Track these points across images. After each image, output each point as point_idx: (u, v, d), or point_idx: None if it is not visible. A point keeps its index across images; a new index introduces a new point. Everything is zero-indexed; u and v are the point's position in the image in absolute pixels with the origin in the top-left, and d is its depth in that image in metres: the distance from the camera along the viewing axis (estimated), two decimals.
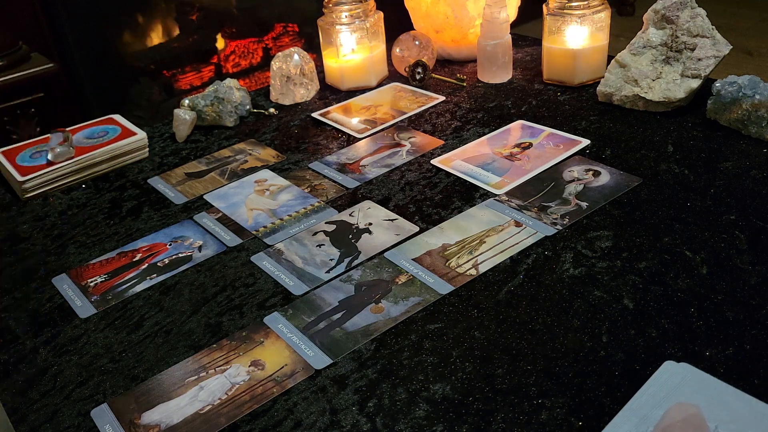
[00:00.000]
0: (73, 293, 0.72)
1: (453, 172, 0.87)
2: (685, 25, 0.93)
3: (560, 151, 0.89)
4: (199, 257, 0.76)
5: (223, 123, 1.06)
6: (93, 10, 1.90)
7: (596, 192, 0.79)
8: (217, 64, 2.24)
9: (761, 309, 0.60)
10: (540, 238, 0.72)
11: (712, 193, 0.76)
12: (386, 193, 0.85)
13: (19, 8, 1.78)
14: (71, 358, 0.64)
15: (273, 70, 1.12)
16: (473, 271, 0.69)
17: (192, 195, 0.89)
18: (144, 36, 2.08)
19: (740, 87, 0.85)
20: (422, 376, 0.57)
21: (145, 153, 1.00)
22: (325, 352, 0.61)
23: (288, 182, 0.89)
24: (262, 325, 0.65)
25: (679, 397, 0.51)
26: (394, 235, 0.76)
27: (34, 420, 0.57)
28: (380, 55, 1.15)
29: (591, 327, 0.60)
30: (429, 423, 0.53)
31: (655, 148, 0.87)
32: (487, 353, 0.59)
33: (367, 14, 1.12)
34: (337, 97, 1.13)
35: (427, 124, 1.01)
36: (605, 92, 0.99)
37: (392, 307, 0.65)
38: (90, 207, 0.89)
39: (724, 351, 0.56)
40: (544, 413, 0.53)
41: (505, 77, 1.12)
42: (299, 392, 0.57)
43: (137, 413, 0.57)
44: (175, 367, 0.61)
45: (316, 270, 0.72)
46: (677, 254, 0.68)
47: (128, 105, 2.06)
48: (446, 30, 1.18)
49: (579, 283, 0.65)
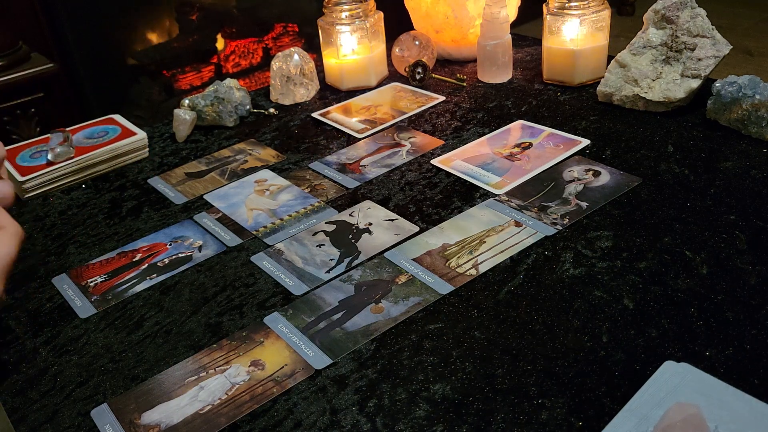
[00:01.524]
0: (73, 293, 0.72)
1: (453, 172, 0.87)
2: (685, 25, 0.93)
3: (560, 151, 0.89)
4: (199, 257, 0.76)
5: (223, 123, 1.06)
6: (93, 10, 1.91)
7: (596, 192, 0.79)
8: (217, 64, 2.24)
9: (761, 309, 0.60)
10: (540, 238, 0.72)
11: (712, 193, 0.76)
12: (386, 193, 0.85)
13: (19, 8, 1.78)
14: (71, 358, 0.64)
15: (273, 70, 1.12)
16: (473, 271, 0.69)
17: (192, 195, 0.89)
18: (144, 36, 2.08)
19: (740, 87, 0.85)
20: (422, 376, 0.57)
21: (145, 153, 1.00)
22: (325, 352, 0.61)
23: (288, 182, 0.89)
24: (262, 325, 0.65)
25: (679, 397, 0.51)
26: (394, 235, 0.76)
27: (34, 420, 0.58)
28: (380, 55, 1.15)
29: (591, 327, 0.60)
30: (429, 423, 0.53)
31: (655, 148, 0.87)
32: (487, 353, 0.59)
33: (367, 14, 1.12)
34: (337, 97, 1.14)
35: (427, 124, 1.01)
36: (605, 92, 0.99)
37: (392, 307, 0.65)
38: (90, 207, 0.89)
39: (724, 351, 0.56)
40: (544, 413, 0.53)
41: (505, 77, 1.12)
42: (299, 392, 0.57)
43: (137, 413, 0.57)
44: (175, 367, 0.61)
45: (316, 270, 0.72)
46: (677, 254, 0.68)
47: (128, 105, 2.06)
48: (446, 30, 1.18)
49: (579, 283, 0.65)
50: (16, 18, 1.77)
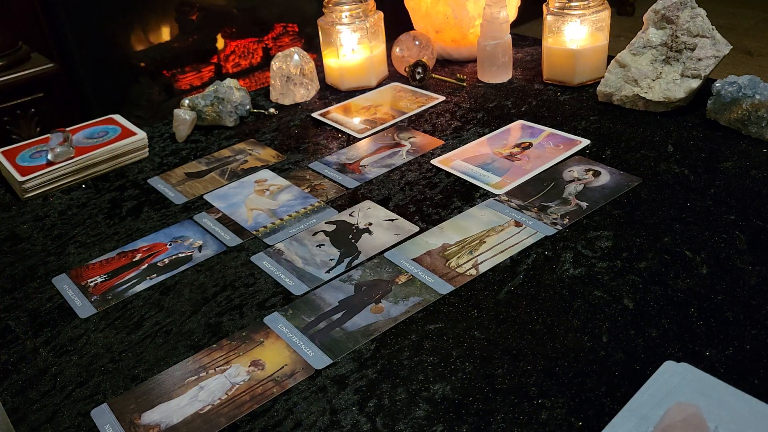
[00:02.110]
0: (73, 293, 0.72)
1: (453, 172, 0.87)
2: (685, 25, 0.93)
3: (560, 151, 0.89)
4: (199, 257, 0.76)
5: (223, 123, 1.06)
6: (93, 10, 1.90)
7: (596, 192, 0.79)
8: (217, 64, 2.24)
9: (761, 309, 0.60)
10: (540, 238, 0.72)
11: (712, 193, 0.76)
12: (386, 193, 0.85)
13: (19, 8, 1.78)
14: (71, 358, 0.64)
15: (273, 70, 1.12)
16: (473, 271, 0.69)
17: (192, 195, 0.89)
18: (144, 36, 2.08)
19: (740, 87, 0.85)
20: (422, 376, 0.57)
21: (145, 153, 1.00)
22: (325, 352, 0.61)
23: (288, 182, 0.89)
24: (262, 325, 0.65)
25: (679, 397, 0.51)
26: (394, 235, 0.76)
27: (34, 420, 0.57)
28: (380, 55, 1.15)
29: (591, 327, 0.60)
30: (429, 423, 0.53)
31: (655, 148, 0.87)
32: (487, 353, 0.59)
33: (367, 14, 1.12)
34: (337, 97, 1.13)
35: (427, 124, 1.01)
36: (605, 92, 0.99)
37: (392, 307, 0.65)
38: (90, 207, 0.89)
39: (724, 351, 0.56)
40: (544, 413, 0.53)
41: (505, 77, 1.12)
42: (299, 392, 0.57)
43: (137, 413, 0.57)
44: (175, 367, 0.61)
45: (316, 270, 0.72)
46: (677, 254, 0.68)
47: (128, 105, 2.06)
48: (446, 30, 1.18)
49: (579, 283, 0.65)
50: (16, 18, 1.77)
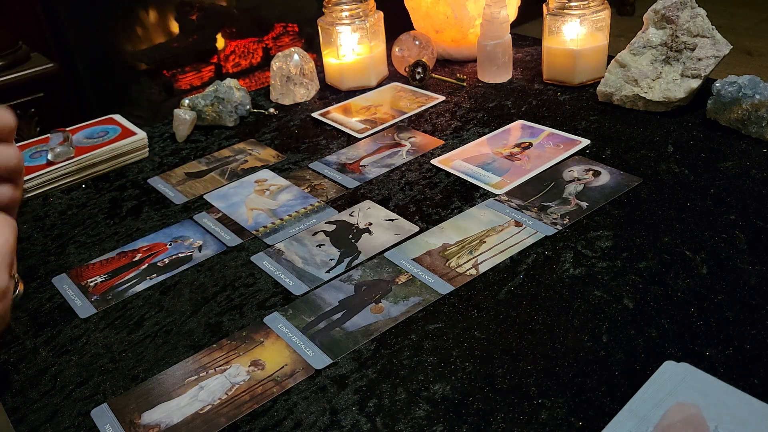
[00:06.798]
0: (73, 293, 0.72)
1: (453, 172, 0.87)
2: (685, 25, 0.93)
3: (560, 151, 0.89)
4: (199, 257, 0.76)
5: (223, 123, 1.06)
6: (93, 10, 1.91)
7: (596, 192, 0.79)
8: (217, 64, 2.24)
9: (761, 309, 0.60)
10: (540, 238, 0.72)
11: (712, 193, 0.76)
12: (386, 193, 0.85)
13: (19, 8, 1.78)
14: (71, 358, 0.64)
15: (273, 70, 1.12)
16: (473, 271, 0.69)
17: (192, 195, 0.89)
18: (144, 36, 2.08)
19: (740, 87, 0.85)
20: (422, 376, 0.57)
21: (145, 153, 1.00)
22: (325, 352, 0.61)
23: (288, 182, 0.89)
24: (262, 325, 0.65)
25: (679, 397, 0.51)
26: (394, 235, 0.76)
27: (34, 420, 0.57)
28: (380, 55, 1.15)
29: (591, 327, 0.60)
30: (429, 423, 0.53)
31: (655, 148, 0.87)
32: (487, 353, 0.59)
33: (367, 14, 1.12)
34: (337, 97, 1.13)
35: (427, 124, 1.01)
36: (605, 92, 0.99)
37: (392, 307, 0.65)
38: (90, 207, 0.89)
39: (724, 351, 0.56)
40: (544, 413, 0.53)
41: (505, 77, 1.12)
42: (299, 392, 0.57)
43: (137, 413, 0.57)
44: (175, 367, 0.61)
45: (316, 270, 0.72)
46: (677, 254, 0.68)
47: (128, 105, 2.06)
48: (446, 30, 1.18)
49: (579, 283, 0.65)
50: (16, 18, 1.77)
